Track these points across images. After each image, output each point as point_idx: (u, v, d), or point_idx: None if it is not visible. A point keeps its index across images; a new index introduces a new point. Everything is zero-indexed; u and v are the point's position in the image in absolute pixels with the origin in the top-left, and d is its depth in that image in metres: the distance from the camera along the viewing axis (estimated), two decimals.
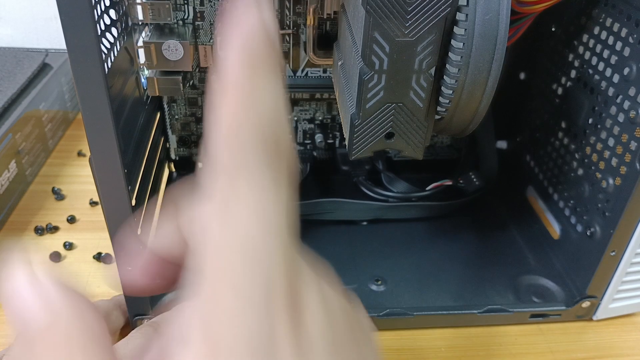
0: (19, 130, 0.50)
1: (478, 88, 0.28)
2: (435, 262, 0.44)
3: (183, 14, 0.41)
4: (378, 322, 0.38)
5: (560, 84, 0.43)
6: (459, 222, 0.48)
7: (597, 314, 0.40)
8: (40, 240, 0.47)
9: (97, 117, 0.26)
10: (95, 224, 0.49)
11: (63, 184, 0.53)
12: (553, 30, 0.44)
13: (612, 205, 0.36)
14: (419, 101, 0.28)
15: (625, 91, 0.34)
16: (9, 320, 0.14)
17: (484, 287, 0.41)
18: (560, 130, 0.43)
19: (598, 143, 0.38)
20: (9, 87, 0.53)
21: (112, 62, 0.32)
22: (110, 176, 0.29)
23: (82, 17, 0.23)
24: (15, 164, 0.49)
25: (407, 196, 0.47)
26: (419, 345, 0.38)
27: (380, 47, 0.26)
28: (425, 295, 0.41)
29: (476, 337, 0.39)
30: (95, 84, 0.25)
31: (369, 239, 0.46)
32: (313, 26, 0.41)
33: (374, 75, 0.27)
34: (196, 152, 0.51)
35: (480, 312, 0.39)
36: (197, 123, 0.48)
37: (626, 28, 0.34)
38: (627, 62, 0.34)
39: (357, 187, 0.48)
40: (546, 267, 0.43)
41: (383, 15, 0.25)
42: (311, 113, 0.49)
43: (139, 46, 0.39)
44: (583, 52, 0.39)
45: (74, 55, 0.24)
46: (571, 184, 0.41)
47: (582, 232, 0.40)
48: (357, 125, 0.29)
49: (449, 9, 0.25)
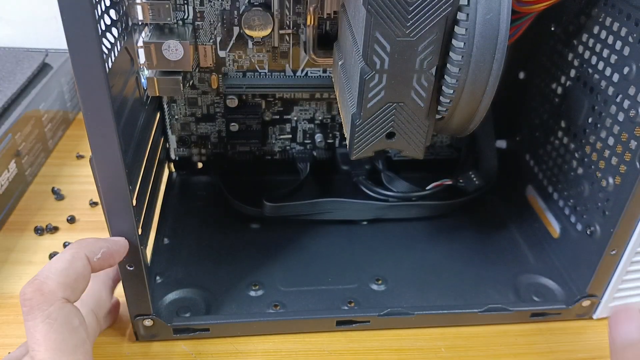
0: (18, 130, 0.50)
1: (479, 87, 0.28)
2: (435, 261, 0.44)
3: (183, 14, 0.41)
4: (378, 321, 0.38)
5: (560, 83, 0.43)
6: (459, 221, 0.48)
7: (598, 313, 0.40)
8: (40, 241, 0.47)
9: (98, 117, 0.26)
10: (95, 224, 0.49)
11: (63, 184, 0.53)
12: (553, 29, 0.44)
13: (612, 204, 0.36)
14: (420, 101, 0.28)
15: (625, 90, 0.34)
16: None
17: (484, 286, 0.42)
18: (560, 130, 0.43)
19: (598, 142, 0.38)
20: (9, 87, 0.53)
21: (113, 62, 0.32)
22: (110, 176, 0.29)
23: (83, 17, 0.23)
24: (15, 164, 0.49)
25: (407, 196, 0.47)
26: (419, 345, 0.38)
27: (381, 46, 0.26)
28: (426, 294, 0.41)
29: (476, 336, 0.39)
30: (97, 84, 0.25)
31: (369, 238, 0.46)
32: (313, 26, 0.41)
33: (375, 74, 0.27)
34: (196, 152, 0.51)
35: (481, 311, 0.39)
36: (197, 123, 0.48)
37: (626, 27, 0.34)
38: (627, 61, 0.34)
39: (357, 186, 0.48)
40: (546, 266, 0.43)
41: (384, 14, 0.25)
42: (311, 113, 0.49)
43: (139, 46, 0.39)
44: (583, 52, 0.39)
45: (75, 55, 0.24)
46: (571, 183, 0.41)
47: (582, 231, 0.40)
48: (358, 125, 0.29)
49: (450, 8, 0.25)
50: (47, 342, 0.26)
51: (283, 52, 0.44)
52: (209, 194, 0.50)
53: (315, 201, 0.46)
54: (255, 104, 0.47)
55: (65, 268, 0.29)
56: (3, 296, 0.41)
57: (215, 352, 0.37)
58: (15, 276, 0.43)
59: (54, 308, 0.27)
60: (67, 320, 0.27)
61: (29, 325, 0.27)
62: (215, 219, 0.47)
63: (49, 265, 0.29)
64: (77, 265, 0.29)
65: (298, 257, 0.44)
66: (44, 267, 0.29)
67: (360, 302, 0.40)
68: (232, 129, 0.48)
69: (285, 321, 0.38)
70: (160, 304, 0.39)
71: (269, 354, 0.37)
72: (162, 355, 0.37)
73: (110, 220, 0.30)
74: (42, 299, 0.27)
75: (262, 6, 0.41)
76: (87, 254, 0.30)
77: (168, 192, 0.50)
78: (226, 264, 0.42)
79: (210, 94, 0.47)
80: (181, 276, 0.41)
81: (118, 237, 0.32)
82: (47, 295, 0.27)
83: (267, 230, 0.46)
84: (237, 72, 0.45)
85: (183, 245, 0.44)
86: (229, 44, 0.43)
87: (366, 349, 0.38)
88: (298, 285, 0.41)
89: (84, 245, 0.30)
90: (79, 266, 0.29)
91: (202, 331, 0.37)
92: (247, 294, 0.40)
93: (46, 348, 0.26)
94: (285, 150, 0.51)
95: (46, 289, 0.27)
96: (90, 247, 0.30)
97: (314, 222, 0.47)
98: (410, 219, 0.48)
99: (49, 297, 0.27)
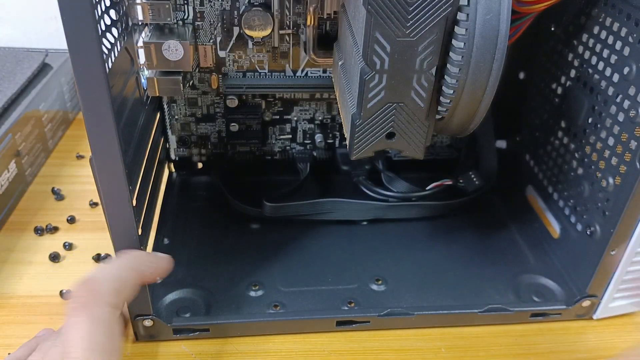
0: (18, 130, 0.50)
1: (479, 88, 0.28)
2: (435, 261, 0.44)
3: (183, 14, 0.41)
4: (378, 321, 0.38)
5: (560, 83, 0.43)
6: (459, 221, 0.48)
7: (598, 313, 0.40)
8: (40, 241, 0.47)
9: (98, 117, 0.26)
10: (95, 224, 0.49)
11: (63, 184, 0.53)
12: (553, 29, 0.44)
13: (612, 205, 0.36)
14: (420, 101, 0.28)
15: (625, 90, 0.34)
16: None
17: (484, 286, 0.42)
18: (560, 130, 0.43)
19: (598, 142, 0.38)
20: (9, 87, 0.53)
21: (113, 63, 0.32)
22: (111, 176, 0.28)
23: (83, 17, 0.23)
24: (14, 164, 0.49)
25: (407, 196, 0.47)
26: (419, 345, 0.38)
27: (381, 47, 0.26)
28: (426, 294, 0.41)
29: (476, 336, 0.39)
30: (97, 84, 0.25)
31: (369, 239, 0.46)
32: (313, 26, 0.41)
33: (375, 75, 0.27)
34: (196, 153, 0.51)
35: (481, 311, 0.39)
36: (197, 123, 0.48)
37: (626, 27, 0.34)
38: (627, 61, 0.34)
39: (357, 187, 0.48)
40: (546, 266, 0.43)
41: (384, 15, 0.25)
42: (311, 113, 0.49)
43: (139, 46, 0.39)
44: (583, 52, 0.39)
45: (76, 55, 0.24)
46: (571, 183, 0.41)
47: (582, 231, 0.40)
48: (358, 125, 0.29)
49: (450, 8, 0.25)
50: (85, 343, 0.26)
51: (283, 52, 0.44)
52: (209, 194, 0.50)
53: (315, 201, 0.46)
54: (255, 104, 0.47)
55: (118, 276, 0.29)
56: (3, 296, 0.41)
57: (215, 353, 0.37)
58: (15, 276, 0.43)
59: (102, 311, 0.27)
60: (110, 325, 0.27)
61: (72, 322, 0.26)
62: (215, 219, 0.47)
63: (102, 270, 0.29)
64: (129, 276, 0.30)
65: (298, 257, 0.44)
66: (96, 270, 0.29)
67: (360, 302, 0.40)
68: (232, 129, 0.48)
69: (285, 321, 0.38)
70: (160, 304, 0.38)
71: (269, 354, 0.37)
72: (162, 356, 0.37)
73: (110, 220, 0.30)
74: (93, 299, 0.27)
75: (262, 6, 0.41)
76: (139, 266, 0.31)
77: (168, 192, 0.50)
78: (226, 264, 0.42)
79: (210, 94, 0.47)
80: (181, 276, 0.41)
81: (164, 254, 0.33)
82: (99, 297, 0.28)
83: (267, 230, 0.46)
84: (237, 72, 0.45)
85: (183, 245, 0.44)
86: (229, 44, 0.43)
87: (366, 349, 0.38)
88: (298, 286, 0.41)
89: (135, 256, 0.31)
90: (130, 277, 0.30)
91: (202, 331, 0.37)
92: (247, 294, 0.40)
93: (83, 348, 0.26)
94: (285, 151, 0.51)
95: (99, 290, 0.28)
96: (142, 260, 0.31)
97: (314, 222, 0.47)
98: (410, 219, 0.48)
99: (100, 299, 0.28)
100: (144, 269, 0.31)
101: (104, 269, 0.30)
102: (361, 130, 0.29)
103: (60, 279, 0.43)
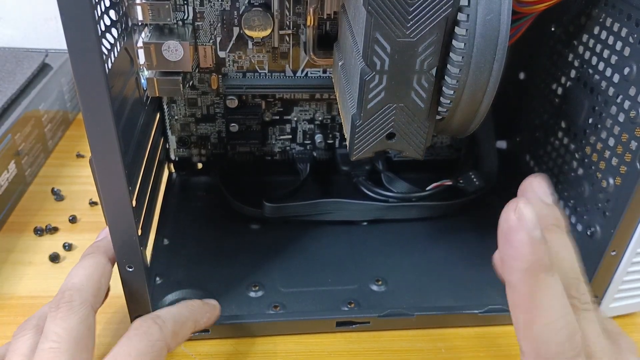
0: (18, 130, 0.50)
1: (479, 88, 0.28)
2: (435, 262, 0.44)
3: (183, 14, 0.41)
4: (378, 322, 0.38)
5: (560, 83, 0.43)
6: (459, 222, 0.48)
7: None
8: (40, 241, 0.46)
9: (98, 117, 0.26)
10: (95, 224, 0.49)
11: (63, 185, 0.53)
12: (553, 30, 0.44)
13: (612, 205, 0.36)
14: (420, 102, 0.28)
15: (626, 91, 0.34)
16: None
17: (484, 287, 0.41)
18: (560, 130, 0.43)
19: (598, 143, 0.38)
20: (9, 87, 0.53)
21: (113, 63, 0.32)
22: (110, 177, 0.28)
23: (83, 18, 0.23)
24: (14, 165, 0.49)
25: (407, 196, 0.47)
26: (419, 346, 0.38)
27: (381, 47, 0.26)
28: (426, 295, 0.41)
29: (477, 337, 0.39)
30: (96, 85, 0.25)
31: (369, 239, 0.46)
32: (313, 26, 0.41)
33: (375, 75, 0.27)
34: (196, 153, 0.51)
35: (481, 312, 0.39)
36: (196, 123, 0.48)
37: (626, 28, 0.34)
38: (627, 61, 0.34)
39: (357, 187, 0.48)
40: None
41: (384, 15, 0.25)
42: (311, 113, 0.49)
43: (139, 47, 0.39)
44: (583, 52, 0.39)
45: (75, 55, 0.24)
46: (571, 183, 0.41)
47: (582, 231, 0.40)
48: (358, 125, 0.29)
49: (450, 9, 0.25)
50: (132, 351, 0.29)
51: (283, 52, 0.44)
52: (209, 194, 0.50)
53: (315, 202, 0.46)
54: (255, 105, 0.47)
55: (180, 320, 0.33)
56: (3, 297, 0.41)
57: (215, 353, 0.37)
58: (15, 277, 0.43)
59: (159, 346, 0.31)
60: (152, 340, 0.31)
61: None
62: (215, 219, 0.47)
63: (167, 309, 0.34)
64: (188, 325, 0.34)
65: (298, 257, 0.44)
66: (164, 310, 0.34)
67: (360, 302, 0.40)
68: (232, 130, 0.48)
69: (285, 322, 0.38)
70: (160, 304, 0.38)
71: (269, 354, 0.37)
72: None
73: (110, 220, 0.30)
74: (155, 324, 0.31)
75: (262, 6, 0.41)
76: (196, 316, 0.35)
77: (168, 193, 0.50)
78: (226, 264, 0.42)
79: (210, 95, 0.47)
80: (181, 277, 0.41)
81: (214, 302, 0.37)
82: (159, 321, 0.32)
83: (267, 231, 0.46)
84: (237, 72, 0.45)
85: (183, 245, 0.44)
86: (228, 44, 0.43)
87: (366, 349, 0.38)
88: (298, 286, 0.41)
89: (197, 307, 0.35)
90: (188, 325, 0.34)
91: (202, 332, 0.37)
92: (247, 295, 0.40)
93: (129, 354, 0.29)
94: (285, 151, 0.51)
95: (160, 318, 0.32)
96: (200, 311, 0.35)
97: (314, 223, 0.47)
98: (410, 219, 0.48)
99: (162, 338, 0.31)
100: (199, 317, 0.35)
101: (170, 309, 0.34)
102: (361, 130, 0.29)
103: (60, 280, 0.42)
